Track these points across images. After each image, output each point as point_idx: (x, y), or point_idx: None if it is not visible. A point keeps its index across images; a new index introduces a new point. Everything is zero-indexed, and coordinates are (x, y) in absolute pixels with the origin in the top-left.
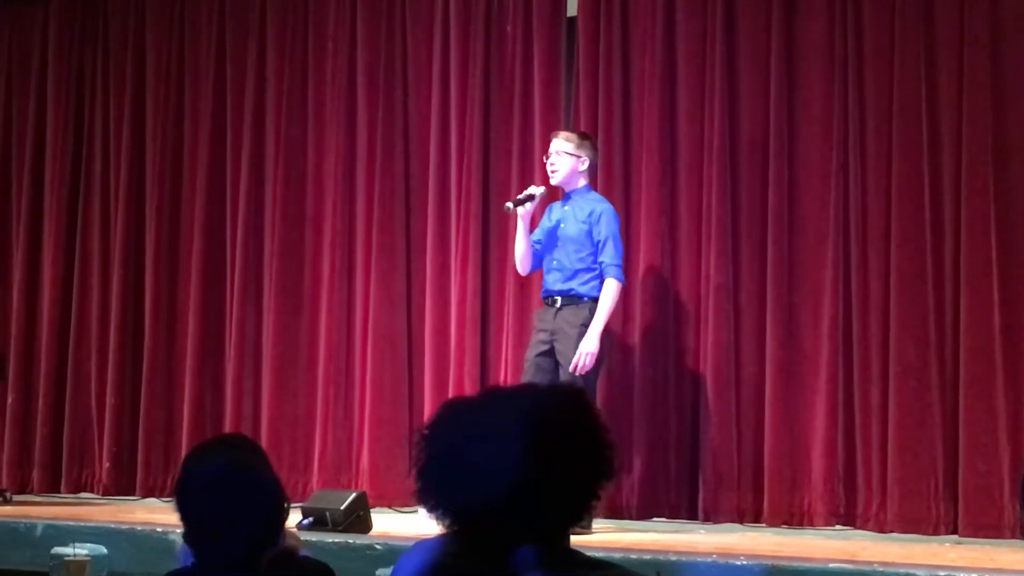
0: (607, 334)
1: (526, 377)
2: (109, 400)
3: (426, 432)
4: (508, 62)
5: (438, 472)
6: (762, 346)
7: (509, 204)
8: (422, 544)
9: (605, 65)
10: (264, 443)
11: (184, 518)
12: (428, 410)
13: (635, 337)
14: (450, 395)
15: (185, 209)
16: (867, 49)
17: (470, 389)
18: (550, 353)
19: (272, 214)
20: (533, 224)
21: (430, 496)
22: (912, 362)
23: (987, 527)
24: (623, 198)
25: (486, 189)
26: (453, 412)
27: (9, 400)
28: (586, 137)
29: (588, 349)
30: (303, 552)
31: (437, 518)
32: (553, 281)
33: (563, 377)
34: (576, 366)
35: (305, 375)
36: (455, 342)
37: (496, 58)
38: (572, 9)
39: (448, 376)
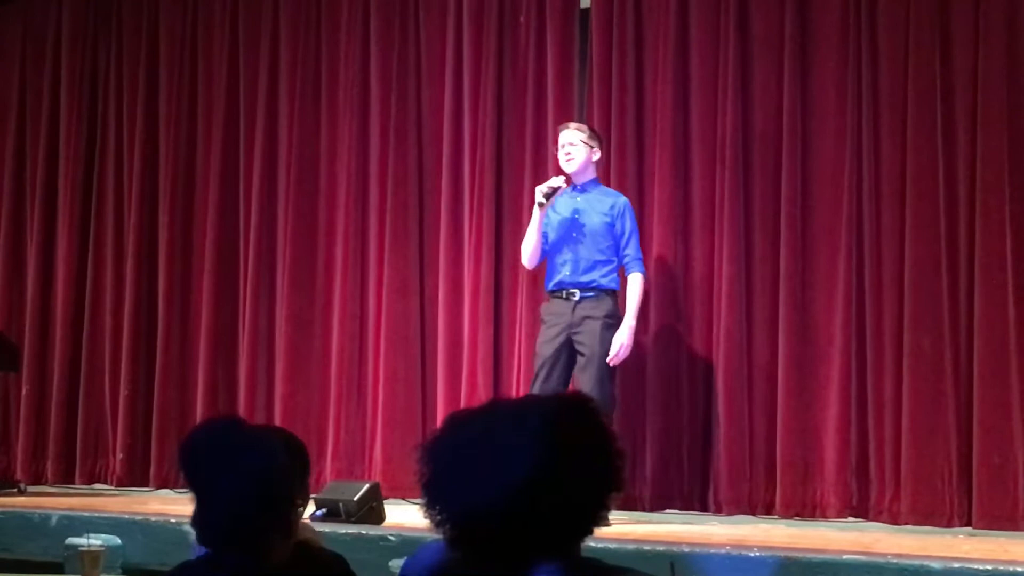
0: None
1: (544, 374)
2: (123, 392)
3: (431, 445)
4: (521, 54)
5: (443, 486)
6: (775, 337)
7: (542, 200)
8: (428, 547)
9: (618, 57)
10: None
11: (188, 486)
12: (441, 402)
13: (648, 329)
14: (463, 386)
15: (198, 201)
16: (881, 40)
17: (483, 380)
18: (568, 347)
19: (285, 206)
20: None
21: (435, 510)
22: (926, 353)
23: (1001, 519)
24: (636, 190)
25: (499, 181)
26: (458, 425)
27: (23, 391)
28: (596, 131)
29: (623, 341)
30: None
31: (443, 532)
32: (568, 273)
33: (584, 370)
34: (614, 358)
35: (318, 366)
36: (468, 333)
37: (509, 50)
38: (586, 1)
39: (461, 367)
